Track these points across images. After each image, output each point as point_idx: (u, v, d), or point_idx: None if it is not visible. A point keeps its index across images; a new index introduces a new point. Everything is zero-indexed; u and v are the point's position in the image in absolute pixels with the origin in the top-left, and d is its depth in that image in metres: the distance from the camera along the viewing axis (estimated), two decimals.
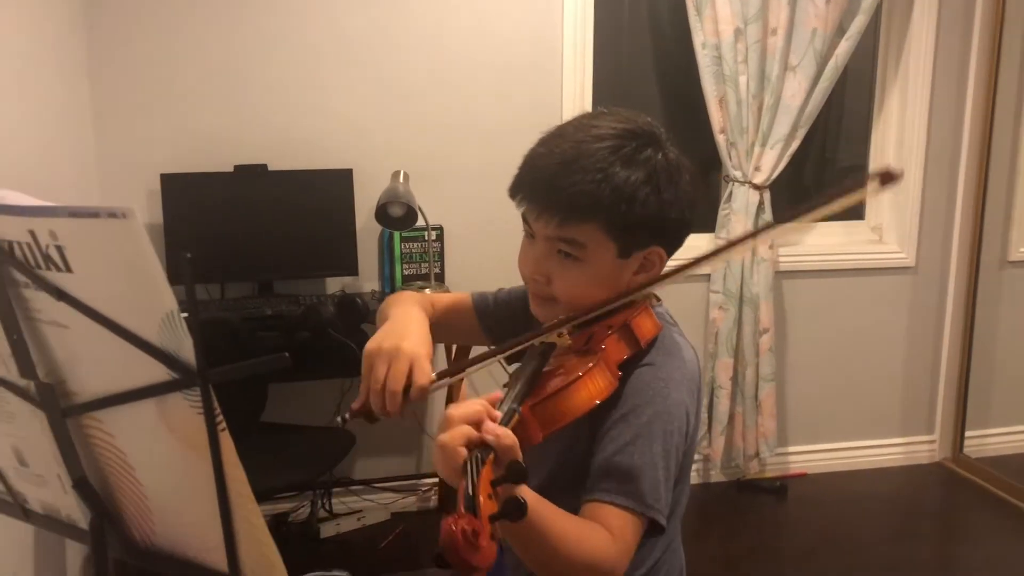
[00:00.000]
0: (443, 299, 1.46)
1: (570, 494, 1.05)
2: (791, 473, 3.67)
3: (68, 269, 0.74)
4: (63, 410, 0.84)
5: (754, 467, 3.54)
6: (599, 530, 0.99)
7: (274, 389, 2.93)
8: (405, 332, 1.13)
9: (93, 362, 0.80)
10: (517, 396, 0.99)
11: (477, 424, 0.90)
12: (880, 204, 3.67)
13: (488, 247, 3.26)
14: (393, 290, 3.16)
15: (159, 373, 0.74)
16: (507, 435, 0.88)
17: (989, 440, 3.77)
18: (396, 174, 3.05)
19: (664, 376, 1.11)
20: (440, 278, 3.20)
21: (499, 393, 0.99)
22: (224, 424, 0.74)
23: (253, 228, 2.99)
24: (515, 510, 0.78)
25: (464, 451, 0.86)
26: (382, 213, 2.98)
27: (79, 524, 0.95)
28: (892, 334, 3.69)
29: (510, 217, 3.37)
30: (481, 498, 0.79)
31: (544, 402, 1.00)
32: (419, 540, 3.15)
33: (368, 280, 3.22)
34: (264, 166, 2.99)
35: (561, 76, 3.20)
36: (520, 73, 3.18)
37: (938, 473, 3.73)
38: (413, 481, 3.34)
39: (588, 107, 3.25)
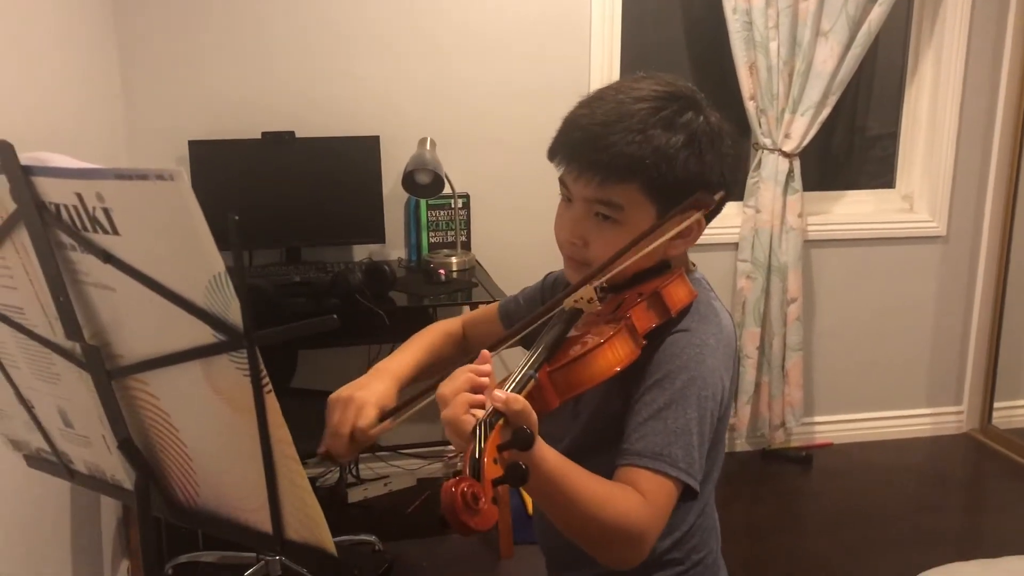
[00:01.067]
0: (474, 316, 1.50)
1: (603, 455, 1.05)
2: (816, 443, 3.66)
3: (115, 231, 0.74)
4: (109, 372, 0.85)
5: (779, 437, 3.53)
6: (630, 492, 1.00)
7: (303, 355, 2.95)
8: (363, 383, 1.19)
9: (139, 324, 0.81)
10: (535, 361, 0.99)
11: (475, 389, 0.91)
12: (912, 172, 3.63)
13: (514, 215, 3.26)
14: (419, 258, 3.17)
15: (205, 335, 0.74)
16: (515, 400, 0.87)
17: (1018, 411, 3.74)
18: (423, 141, 3.05)
19: (699, 342, 1.10)
20: (466, 246, 3.19)
21: (487, 353, 0.99)
22: (270, 386, 0.74)
23: (280, 195, 2.99)
24: (517, 475, 0.78)
25: (470, 417, 0.87)
26: (409, 180, 2.97)
27: (124, 484, 0.97)
28: (921, 304, 3.66)
29: (537, 185, 3.37)
30: (486, 460, 0.79)
31: (562, 368, 0.99)
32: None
33: (395, 247, 3.22)
34: (291, 133, 2.99)
35: (589, 42, 3.17)
36: (548, 40, 3.15)
37: (966, 444, 3.71)
38: (439, 447, 3.37)
39: (616, 73, 3.22)
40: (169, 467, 0.90)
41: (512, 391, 0.90)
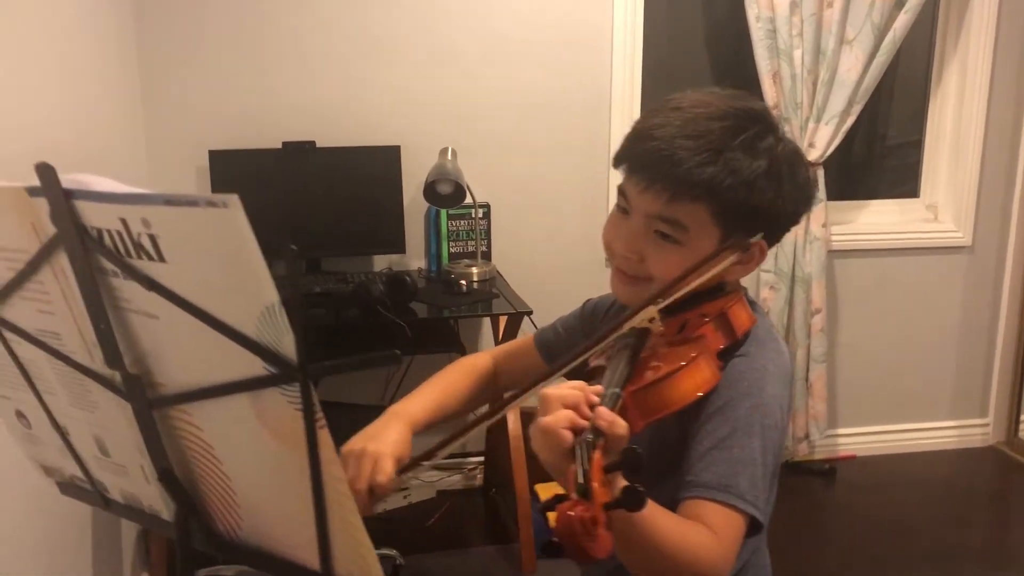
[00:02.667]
0: (507, 348, 1.45)
1: (660, 484, 1.02)
2: (840, 455, 3.61)
3: (161, 259, 0.71)
4: (150, 401, 0.82)
5: (803, 449, 3.49)
6: (702, 529, 0.96)
7: None
8: (375, 433, 1.15)
9: (182, 353, 0.78)
10: (619, 380, 0.95)
11: (575, 407, 0.86)
12: (936, 181, 3.58)
13: (535, 225, 3.24)
14: (439, 269, 3.14)
15: (255, 367, 0.71)
16: (621, 423, 0.84)
17: None
18: (444, 151, 3.02)
19: (759, 367, 1.06)
20: (487, 256, 3.16)
21: (600, 387, 0.94)
22: (324, 421, 0.71)
23: (301, 205, 2.97)
24: (634, 499, 0.74)
25: (570, 435, 0.83)
26: (430, 191, 2.95)
27: (161, 515, 0.94)
28: (946, 315, 3.61)
29: (558, 195, 3.34)
30: (595, 485, 0.76)
31: (646, 389, 0.96)
32: (465, 518, 3.14)
33: (415, 258, 3.20)
34: (312, 143, 2.97)
35: (611, 52, 3.13)
36: (569, 49, 3.12)
37: (992, 457, 3.66)
38: (459, 459, 3.34)
39: (638, 83, 3.19)
40: (211, 499, 0.87)
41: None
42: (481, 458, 3.32)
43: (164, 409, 0.83)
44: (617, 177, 1.16)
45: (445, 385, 1.32)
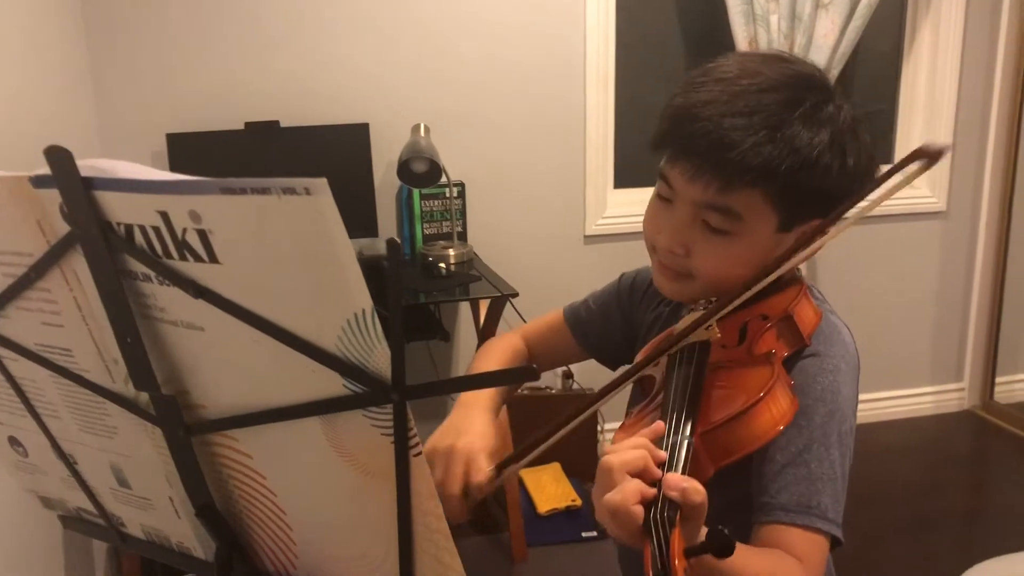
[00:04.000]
0: (535, 327, 1.31)
1: (732, 511, 0.90)
2: None
3: (213, 259, 0.58)
4: (187, 427, 0.69)
5: None
6: (789, 561, 0.85)
7: None
8: (459, 426, 1.00)
9: (232, 371, 0.65)
10: (684, 420, 0.82)
11: (642, 474, 0.74)
12: (910, 147, 3.52)
13: (511, 203, 3.12)
14: (413, 251, 3.01)
15: (333, 386, 0.59)
16: (696, 490, 0.71)
17: (1019, 385, 3.71)
18: (416, 128, 2.88)
19: (831, 368, 0.95)
20: (462, 237, 3.04)
21: (661, 424, 0.82)
22: (420, 448, 0.59)
23: None
24: None
25: (641, 510, 0.71)
26: (404, 169, 2.81)
27: (193, 552, 0.81)
28: (923, 281, 3.60)
29: (534, 171, 3.21)
30: (675, 565, 0.65)
31: (717, 431, 0.82)
32: None
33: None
34: (276, 123, 2.81)
35: (584, 21, 3.01)
36: (542, 20, 2.99)
37: (968, 421, 3.67)
38: None
39: (611, 53, 3.08)
40: (257, 535, 0.75)
41: (675, 470, 0.75)
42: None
43: (204, 435, 0.70)
44: (595, 144, 1.02)
45: (502, 351, 1.19)
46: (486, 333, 2.67)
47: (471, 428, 0.99)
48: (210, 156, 2.76)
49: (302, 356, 0.58)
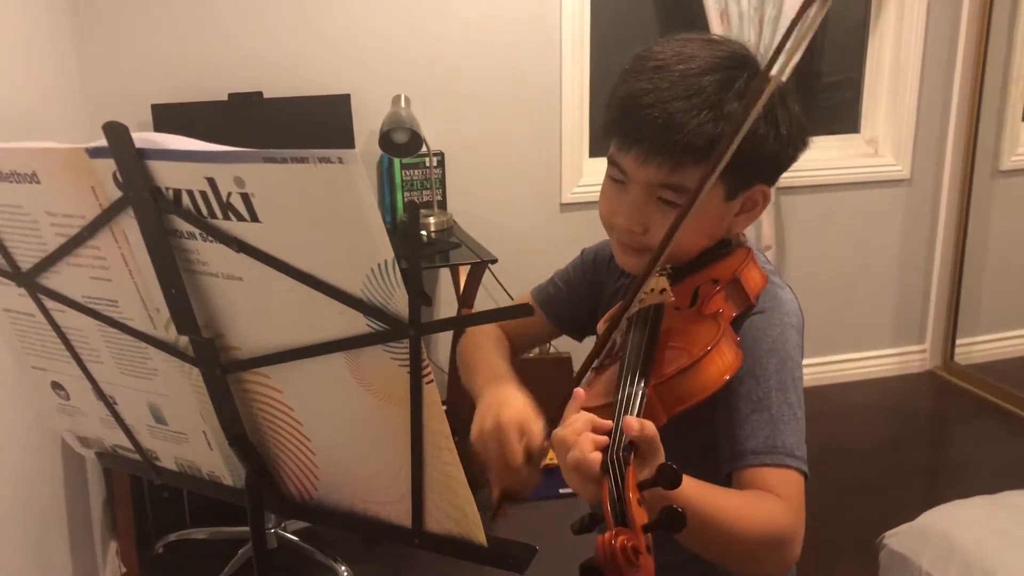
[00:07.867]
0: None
1: (699, 464, 0.94)
2: None
3: (255, 219, 0.68)
4: (223, 366, 0.79)
5: None
6: (766, 496, 0.92)
7: None
8: (500, 399, 1.04)
9: (266, 316, 0.75)
10: (639, 374, 0.89)
11: (591, 427, 0.81)
12: (876, 116, 3.67)
13: (490, 172, 3.21)
14: (395, 221, 3.09)
15: (356, 325, 0.69)
16: (649, 425, 0.78)
17: (978, 347, 3.86)
18: (397, 99, 2.95)
19: (778, 322, 1.03)
20: (442, 205, 3.13)
21: (581, 391, 0.89)
22: (432, 376, 0.70)
23: None
24: (674, 521, 0.69)
25: (598, 455, 0.77)
26: (385, 139, 2.88)
27: (222, 480, 0.91)
28: (887, 246, 3.73)
29: (511, 140, 3.29)
30: (632, 509, 0.71)
31: (670, 382, 0.90)
32: None
33: None
34: (259, 93, 2.87)
35: None
36: None
37: (930, 381, 3.82)
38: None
39: (587, 24, 3.16)
40: (283, 462, 0.85)
41: (631, 414, 0.82)
42: (443, 407, 3.32)
43: (238, 373, 0.80)
44: (571, 114, 1.10)
45: (501, 348, 1.25)
46: (466, 297, 2.77)
47: (506, 400, 1.03)
48: (194, 126, 2.80)
49: (331, 300, 0.68)
